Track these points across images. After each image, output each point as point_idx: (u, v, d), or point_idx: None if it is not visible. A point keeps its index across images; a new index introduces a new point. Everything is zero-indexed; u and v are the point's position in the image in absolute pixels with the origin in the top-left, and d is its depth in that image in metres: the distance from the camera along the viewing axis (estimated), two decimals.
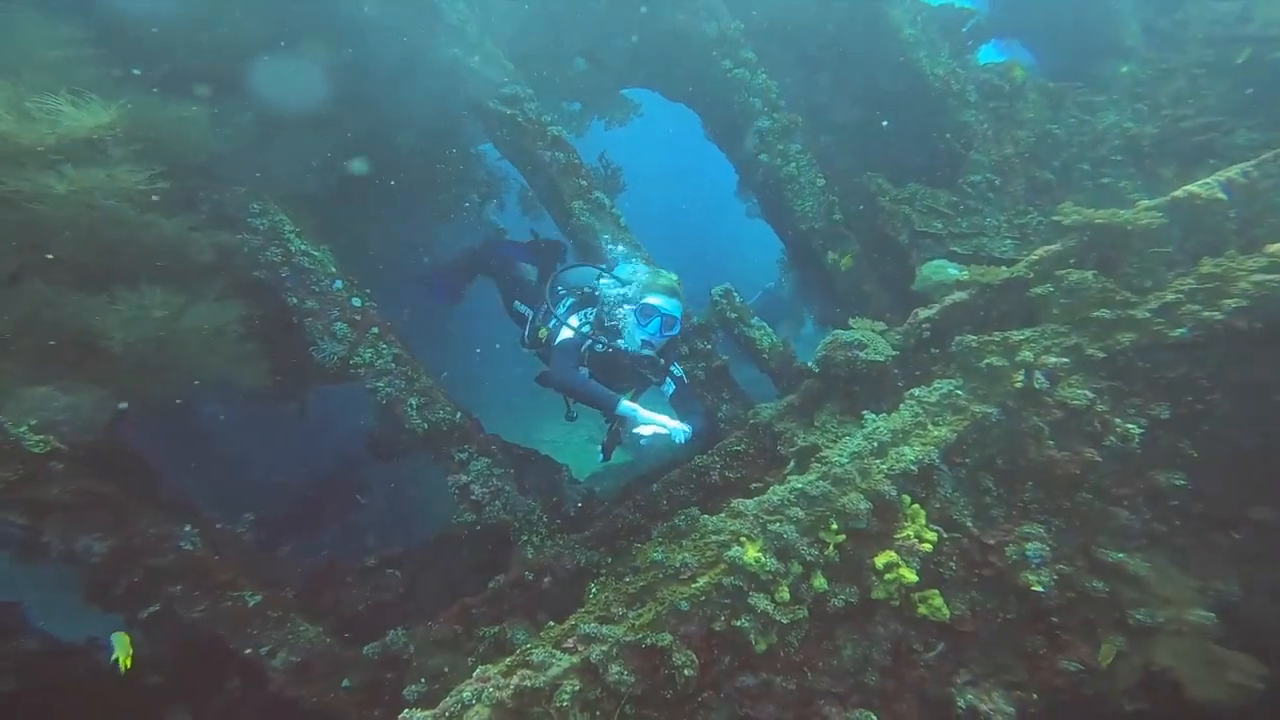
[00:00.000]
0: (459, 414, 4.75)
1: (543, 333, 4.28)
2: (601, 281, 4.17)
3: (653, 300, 3.72)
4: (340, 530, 7.55)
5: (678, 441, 3.49)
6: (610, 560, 3.78)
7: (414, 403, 4.60)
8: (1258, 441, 3.84)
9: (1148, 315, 3.84)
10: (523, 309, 4.99)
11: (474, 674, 2.90)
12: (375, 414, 5.17)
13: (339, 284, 4.61)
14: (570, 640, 3.11)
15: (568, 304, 4.23)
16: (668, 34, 5.60)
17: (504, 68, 4.97)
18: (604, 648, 2.98)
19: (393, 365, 4.59)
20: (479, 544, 4.62)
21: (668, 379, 4.00)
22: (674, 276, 3.87)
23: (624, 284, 3.98)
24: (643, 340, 3.72)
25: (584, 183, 4.91)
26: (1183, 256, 4.19)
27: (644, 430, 3.48)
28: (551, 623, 3.40)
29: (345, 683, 4.18)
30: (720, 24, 5.48)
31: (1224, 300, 3.71)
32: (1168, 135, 6.48)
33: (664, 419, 3.50)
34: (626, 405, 3.53)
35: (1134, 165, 6.56)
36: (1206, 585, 3.73)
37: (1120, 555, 3.69)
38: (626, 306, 3.83)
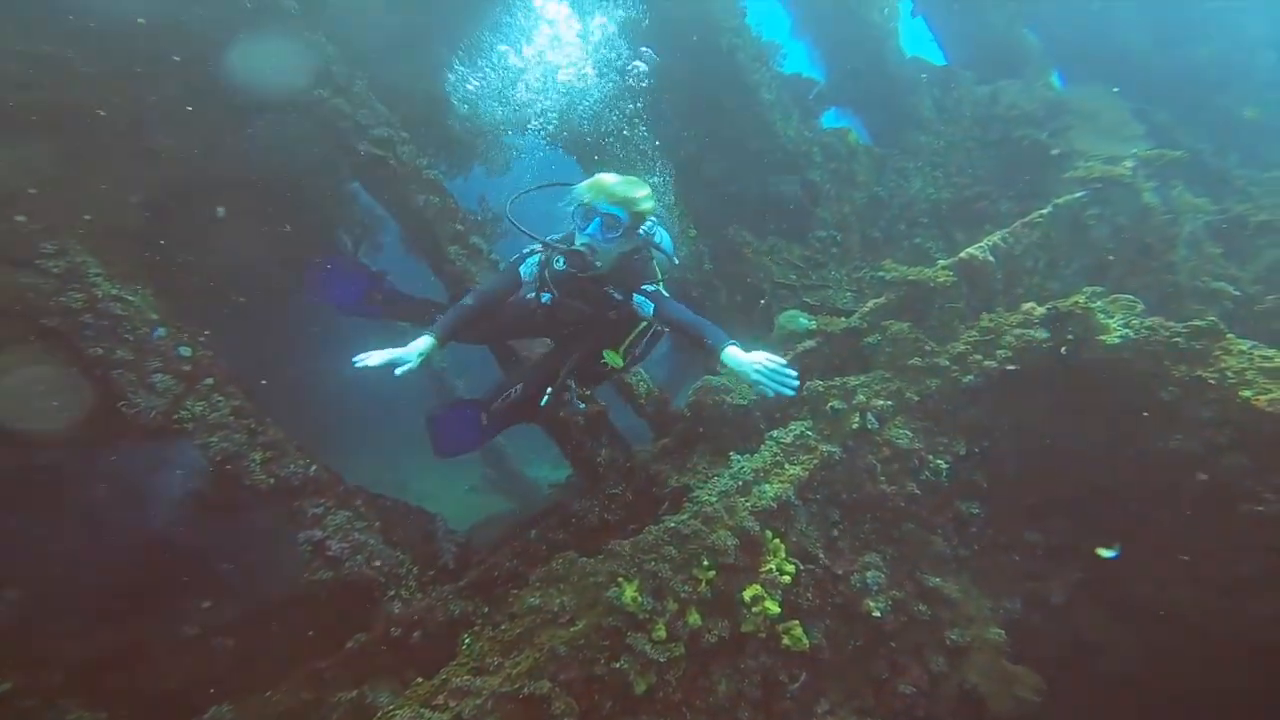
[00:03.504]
0: (314, 466, 4.47)
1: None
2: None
3: (588, 199, 3.31)
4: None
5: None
6: (487, 610, 3.70)
7: (257, 458, 4.28)
8: (1026, 472, 4.62)
9: (947, 363, 4.53)
10: None
11: None
12: (208, 471, 4.72)
13: (161, 331, 4.19)
14: (441, 696, 3.01)
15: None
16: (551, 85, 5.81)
17: (376, 111, 4.91)
18: (478, 701, 2.92)
19: (230, 419, 4.24)
20: (339, 603, 4.31)
21: (639, 297, 3.47)
22: (624, 181, 3.38)
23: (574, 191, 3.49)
24: (583, 245, 3.32)
25: (460, 227, 4.92)
26: (970, 311, 5.00)
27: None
28: (420, 679, 3.27)
29: None
30: (601, 78, 5.80)
31: (997, 351, 4.48)
32: (957, 201, 7.73)
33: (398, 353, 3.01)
34: (424, 338, 3.15)
35: (936, 227, 7.73)
36: (998, 604, 4.37)
37: (937, 580, 4.24)
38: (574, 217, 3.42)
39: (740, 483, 3.92)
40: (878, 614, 3.94)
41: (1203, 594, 4.15)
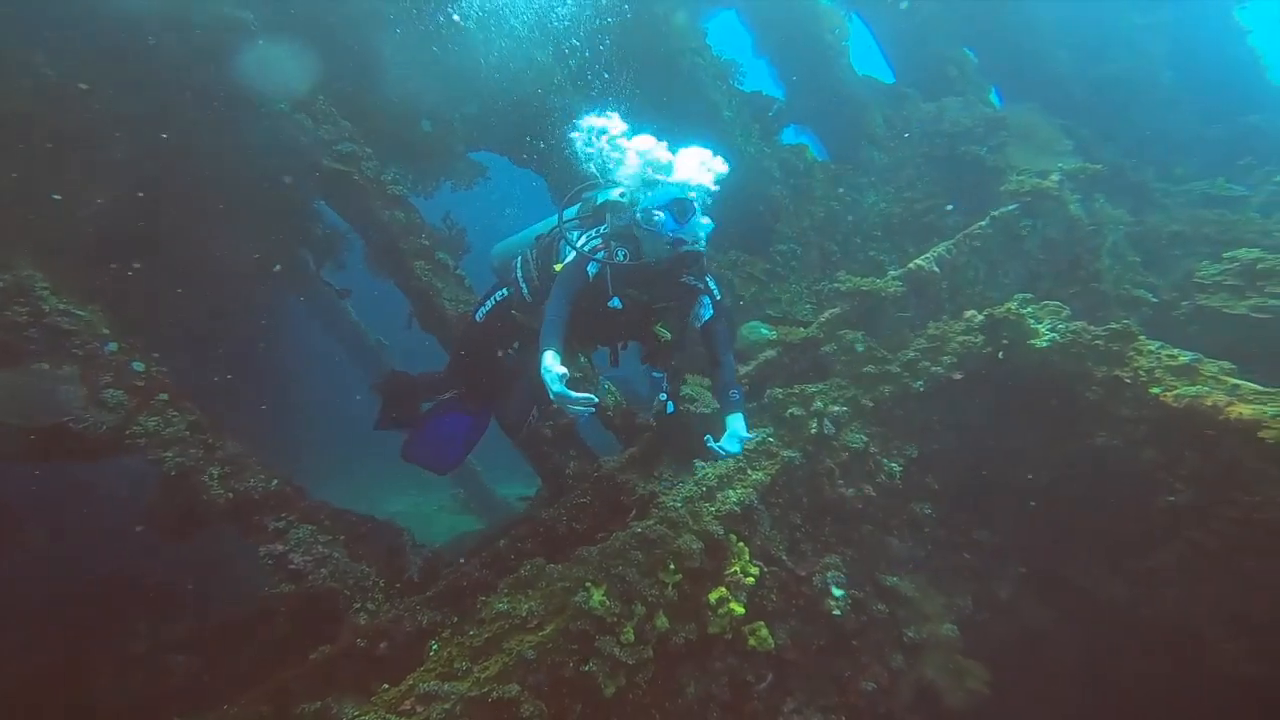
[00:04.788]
0: (275, 481, 4.44)
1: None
2: (614, 194, 3.51)
3: (678, 194, 3.16)
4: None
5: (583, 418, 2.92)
6: (456, 619, 3.70)
7: (215, 472, 4.22)
8: (974, 472, 4.85)
9: (898, 370, 4.74)
10: (489, 304, 4.05)
11: None
12: (160, 487, 4.64)
13: (112, 346, 4.13)
14: (408, 702, 3.01)
15: (574, 236, 3.49)
16: (512, 105, 5.89)
17: (340, 126, 4.93)
18: (446, 706, 2.92)
19: (186, 433, 4.18)
20: (302, 617, 4.26)
21: (705, 298, 3.39)
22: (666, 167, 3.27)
23: (639, 189, 3.32)
24: (671, 243, 3.14)
25: (426, 242, 4.95)
26: (918, 319, 5.24)
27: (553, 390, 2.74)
28: (386, 686, 3.25)
29: None
30: (565, 99, 5.91)
31: (943, 357, 4.72)
32: (907, 214, 8.01)
33: (574, 397, 2.72)
34: (551, 366, 2.80)
35: (889, 240, 7.99)
36: (950, 601, 4.56)
37: (895, 579, 4.41)
38: (657, 213, 3.18)
39: (704, 489, 4.03)
40: (838, 612, 4.08)
41: (1128, 582, 4.42)
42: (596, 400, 2.79)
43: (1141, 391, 4.16)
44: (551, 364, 2.80)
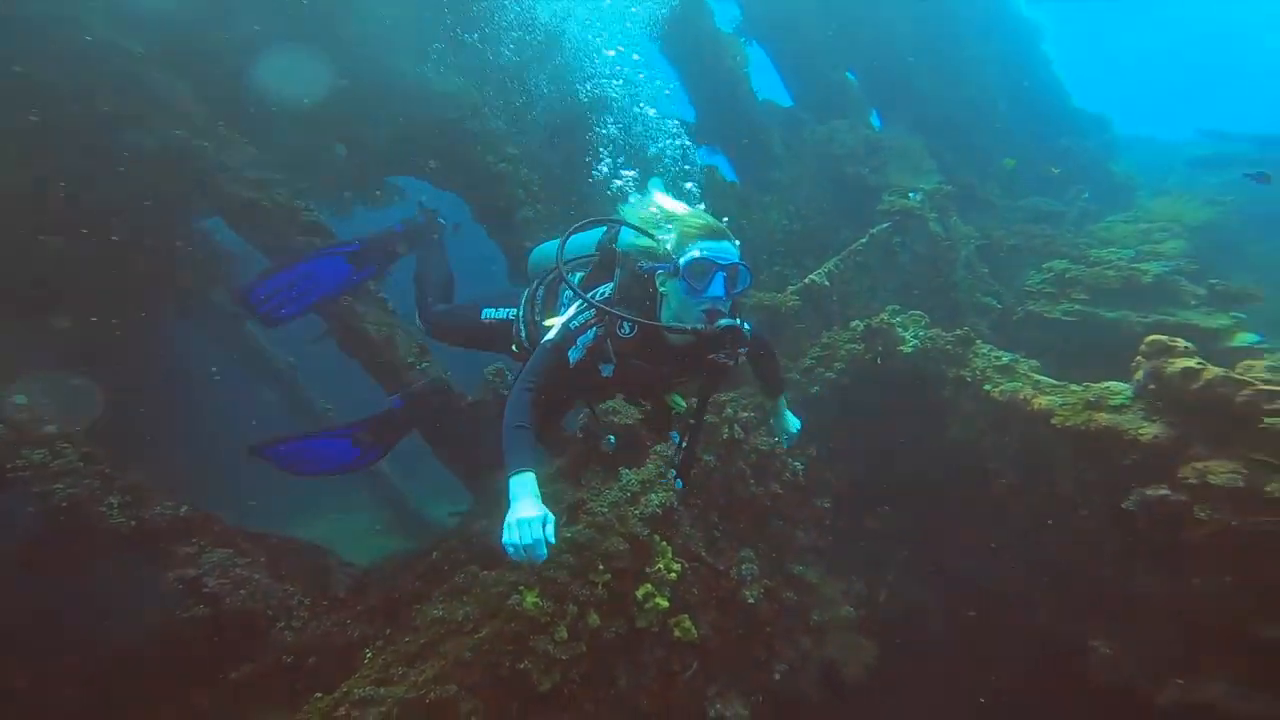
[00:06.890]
0: (184, 508, 4.31)
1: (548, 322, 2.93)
2: (620, 236, 2.99)
3: (698, 253, 2.59)
4: None
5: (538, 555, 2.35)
6: (389, 631, 3.74)
7: (114, 501, 4.08)
8: (864, 467, 5.42)
9: (798, 377, 5.24)
10: (499, 314, 3.56)
11: None
12: (45, 519, 4.38)
13: None
14: (343, 708, 3.02)
15: (577, 279, 3.02)
16: (435, 129, 5.94)
17: (245, 152, 4.84)
18: (383, 709, 2.95)
19: (79, 464, 4.04)
20: (220, 639, 4.12)
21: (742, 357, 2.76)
22: (699, 213, 2.80)
23: (650, 234, 2.76)
24: (705, 312, 2.60)
25: None
26: (813, 329, 5.78)
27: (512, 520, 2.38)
28: (319, 694, 3.26)
29: None
30: (483, 123, 6.03)
31: (834, 363, 5.27)
32: (807, 231, 8.65)
33: (530, 516, 2.35)
34: (518, 483, 2.45)
35: (791, 256, 8.60)
36: (849, 585, 5.08)
37: (801, 569, 4.86)
38: (662, 273, 2.66)
39: (629, 494, 4.29)
40: (752, 600, 4.45)
41: (980, 558, 5.10)
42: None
43: (978, 389, 4.87)
44: (527, 505, 2.37)
